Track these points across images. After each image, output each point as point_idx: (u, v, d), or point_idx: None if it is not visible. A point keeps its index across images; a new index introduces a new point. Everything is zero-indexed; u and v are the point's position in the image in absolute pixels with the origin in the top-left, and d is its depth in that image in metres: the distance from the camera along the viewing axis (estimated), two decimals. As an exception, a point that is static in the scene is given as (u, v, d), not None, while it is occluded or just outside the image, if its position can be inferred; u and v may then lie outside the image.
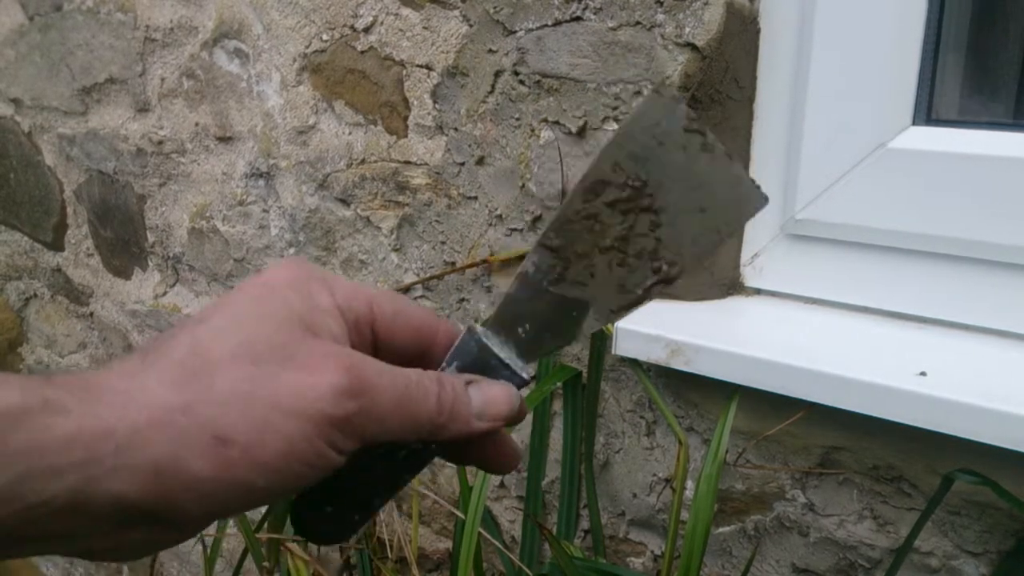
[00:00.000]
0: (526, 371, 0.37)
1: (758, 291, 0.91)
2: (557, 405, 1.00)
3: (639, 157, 0.34)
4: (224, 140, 1.23)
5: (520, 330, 0.36)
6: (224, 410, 0.30)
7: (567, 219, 0.35)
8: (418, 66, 0.98)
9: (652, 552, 1.00)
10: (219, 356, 0.31)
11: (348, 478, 0.35)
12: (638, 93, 0.83)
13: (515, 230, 0.97)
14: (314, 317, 0.33)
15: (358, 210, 1.11)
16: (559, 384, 0.96)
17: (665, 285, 0.36)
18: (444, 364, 0.37)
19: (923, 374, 0.72)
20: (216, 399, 0.30)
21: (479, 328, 0.37)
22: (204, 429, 0.29)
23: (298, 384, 0.31)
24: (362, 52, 1.03)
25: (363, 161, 1.08)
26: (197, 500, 0.30)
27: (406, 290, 1.09)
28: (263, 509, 1.39)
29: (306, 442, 0.30)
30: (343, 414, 0.31)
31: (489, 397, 0.36)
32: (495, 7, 0.89)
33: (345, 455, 0.32)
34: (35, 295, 1.71)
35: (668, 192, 0.35)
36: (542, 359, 0.95)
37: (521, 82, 0.90)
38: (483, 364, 0.36)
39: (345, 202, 1.12)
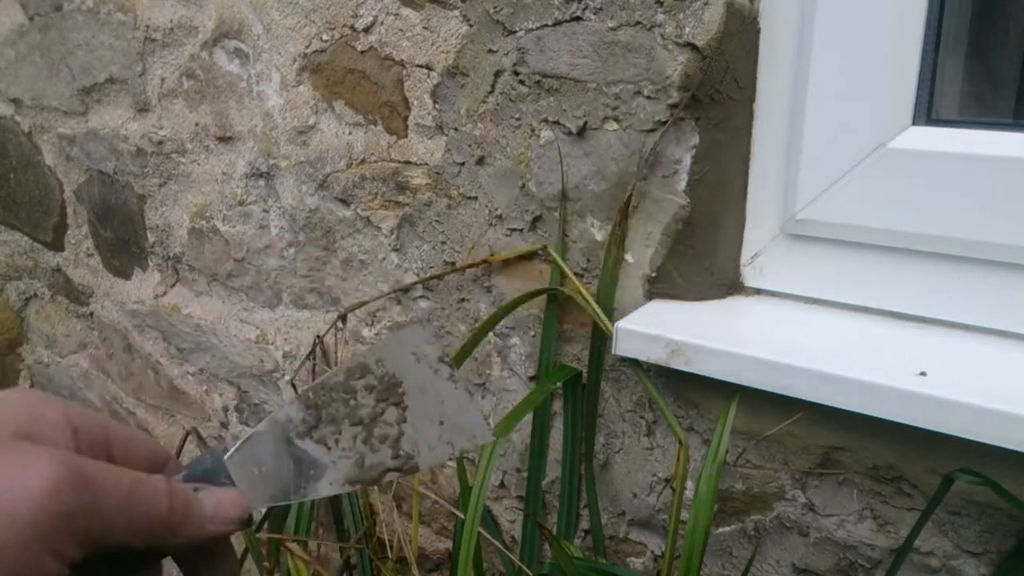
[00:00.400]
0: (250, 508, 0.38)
1: (758, 291, 0.91)
2: (557, 405, 1.00)
3: (399, 362, 0.40)
4: (224, 140, 1.23)
5: (256, 470, 0.38)
6: None
7: (329, 385, 0.39)
8: (418, 66, 0.98)
9: (652, 552, 1.00)
10: None
11: None
12: (638, 93, 0.83)
13: (515, 230, 0.97)
14: (34, 428, 0.30)
15: (358, 210, 1.11)
16: (559, 384, 0.96)
17: (399, 474, 0.39)
18: (172, 476, 0.37)
19: (923, 374, 0.72)
20: None
21: (220, 448, 0.38)
22: None
23: (5, 482, 0.27)
24: (362, 52, 1.03)
25: (363, 161, 1.08)
26: None
27: (406, 290, 1.10)
28: (262, 508, 1.39)
29: (21, 550, 0.26)
30: (64, 511, 0.27)
31: (219, 500, 0.35)
32: (495, 7, 0.89)
33: (69, 565, 0.28)
34: (35, 295, 1.71)
35: (416, 397, 0.40)
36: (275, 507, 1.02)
37: (521, 82, 0.90)
38: (214, 480, 0.37)
39: (345, 202, 1.12)
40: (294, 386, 1.20)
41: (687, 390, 0.89)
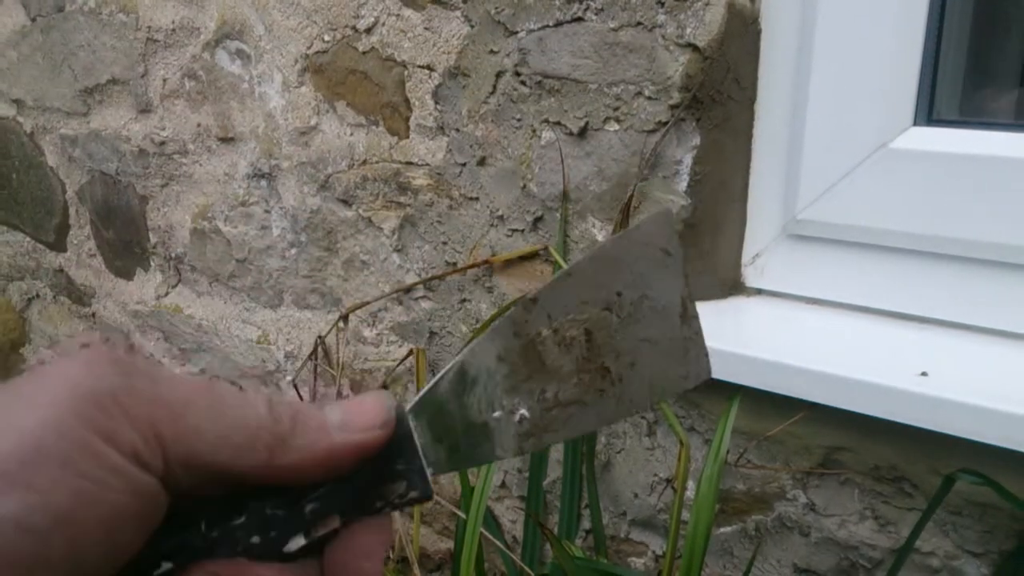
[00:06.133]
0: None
1: (759, 291, 0.91)
2: (558, 405, 1.00)
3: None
4: (226, 141, 1.23)
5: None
6: None
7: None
8: (419, 67, 0.98)
9: (653, 552, 1.00)
10: None
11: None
12: (639, 94, 0.83)
13: (516, 230, 0.97)
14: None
15: (360, 211, 1.11)
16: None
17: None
18: None
19: (924, 374, 0.72)
20: None
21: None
22: None
23: (44, 375, 0.23)
24: (364, 53, 1.03)
25: (365, 162, 1.08)
26: None
27: (408, 291, 1.10)
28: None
29: (60, 429, 0.21)
30: (105, 388, 0.23)
31: (351, 406, 0.28)
32: (496, 8, 0.90)
33: (145, 468, 0.23)
34: (37, 296, 1.71)
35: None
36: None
37: (522, 83, 0.90)
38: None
39: (347, 203, 1.12)
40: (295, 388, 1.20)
41: (688, 390, 0.89)
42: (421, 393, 0.30)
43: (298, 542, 0.27)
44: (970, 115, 0.81)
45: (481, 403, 0.31)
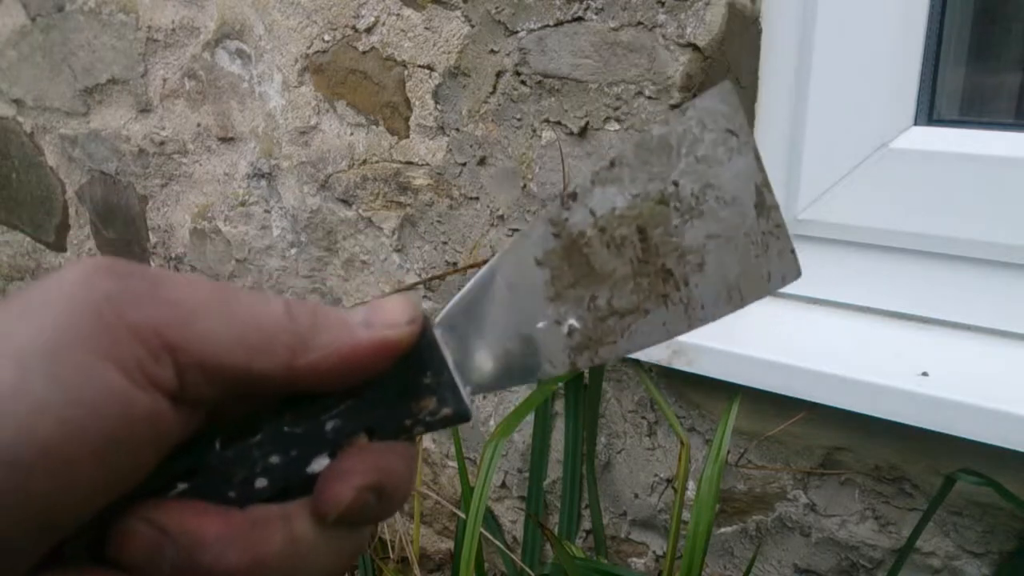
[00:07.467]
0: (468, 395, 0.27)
1: (760, 291, 0.91)
2: (559, 406, 1.00)
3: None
4: (226, 140, 1.23)
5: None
6: None
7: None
8: (420, 67, 0.98)
9: (654, 552, 1.00)
10: None
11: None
12: (639, 93, 0.83)
13: (517, 230, 0.97)
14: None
15: (360, 210, 1.11)
16: (560, 385, 0.96)
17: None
18: None
19: (925, 374, 0.72)
20: None
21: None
22: None
23: (43, 289, 0.21)
24: (364, 53, 1.03)
25: (365, 162, 1.08)
26: None
27: (408, 291, 1.10)
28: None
29: (58, 352, 0.20)
30: (103, 297, 0.21)
31: (374, 305, 0.26)
32: (497, 7, 0.90)
33: (154, 384, 0.21)
34: (37, 295, 1.71)
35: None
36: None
37: (523, 82, 0.90)
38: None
39: (347, 202, 1.12)
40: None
41: (689, 390, 0.89)
42: (448, 305, 0.27)
43: (322, 462, 0.25)
44: (970, 115, 0.81)
45: (520, 314, 0.27)
